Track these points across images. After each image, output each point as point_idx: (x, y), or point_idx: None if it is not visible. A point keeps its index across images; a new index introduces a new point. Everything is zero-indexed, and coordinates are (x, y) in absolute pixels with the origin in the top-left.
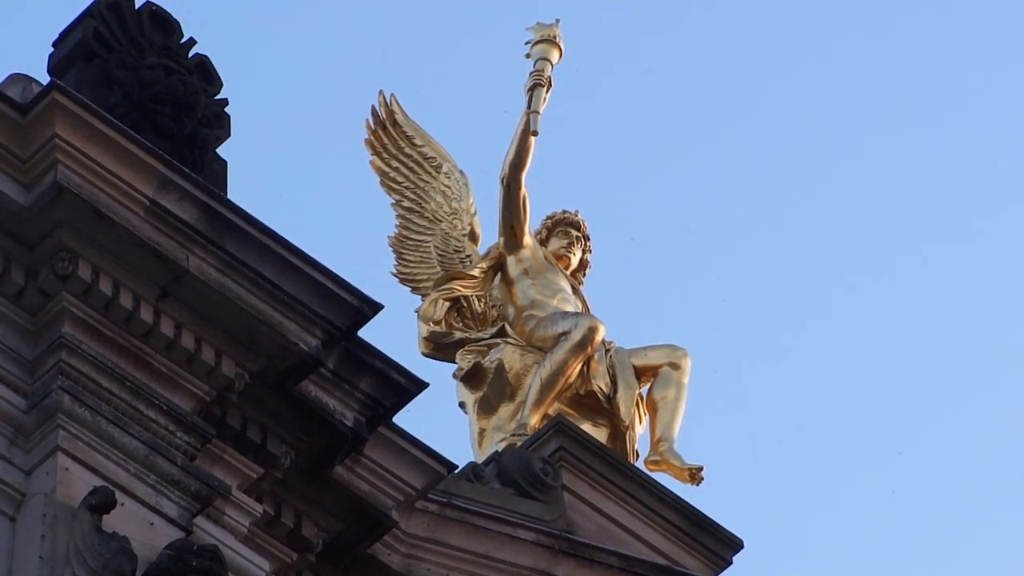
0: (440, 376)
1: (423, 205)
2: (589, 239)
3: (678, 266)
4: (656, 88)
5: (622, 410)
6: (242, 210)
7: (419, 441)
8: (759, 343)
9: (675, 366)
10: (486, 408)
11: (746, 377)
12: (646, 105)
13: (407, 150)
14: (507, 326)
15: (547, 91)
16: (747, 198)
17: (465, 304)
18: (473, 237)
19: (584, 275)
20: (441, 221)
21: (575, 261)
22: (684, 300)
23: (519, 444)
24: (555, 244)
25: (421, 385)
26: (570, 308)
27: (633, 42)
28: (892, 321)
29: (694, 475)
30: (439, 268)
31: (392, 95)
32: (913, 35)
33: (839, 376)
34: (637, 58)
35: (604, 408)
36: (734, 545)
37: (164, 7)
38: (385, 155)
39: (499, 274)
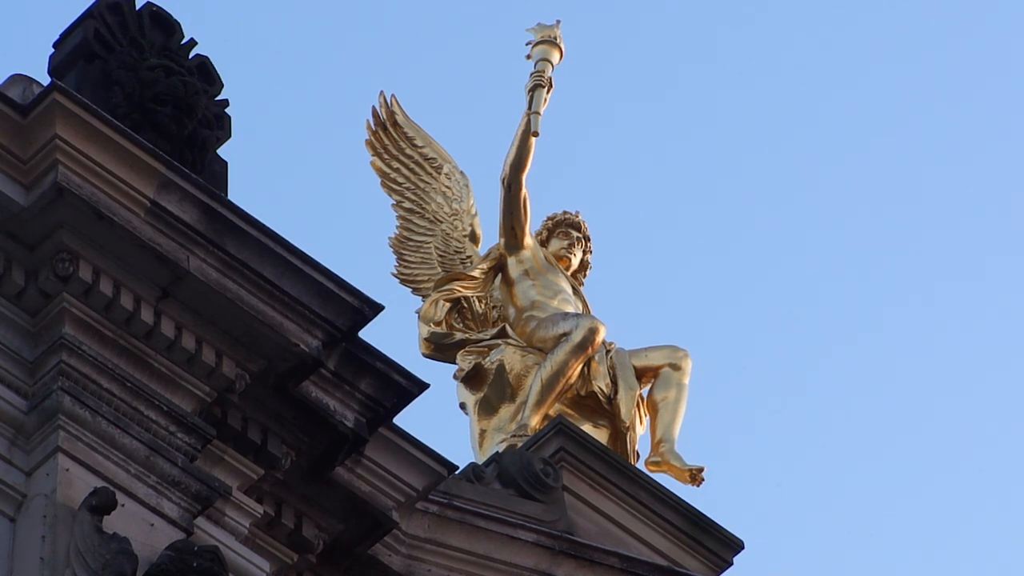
0: (441, 377)
1: (424, 206)
2: (590, 240)
3: (678, 266)
4: (657, 88)
5: (623, 411)
6: (242, 211)
7: (420, 442)
8: (759, 343)
9: (676, 367)
10: (487, 409)
11: (746, 377)
12: (646, 106)
13: (408, 151)
14: (508, 327)
15: (548, 92)
16: (748, 198)
17: (466, 305)
18: (474, 238)
19: (585, 276)
20: (442, 222)
21: (576, 262)
22: (684, 300)
23: (520, 445)
24: (556, 245)
25: (422, 386)
26: (571, 309)
27: (634, 42)
28: (892, 320)
29: (695, 476)
30: (440, 269)
31: (392, 96)
32: (947, 56)
33: (839, 376)
34: (637, 58)
35: (605, 409)
36: (734, 545)
37: (165, 8)
38: (386, 156)
39: (500, 275)
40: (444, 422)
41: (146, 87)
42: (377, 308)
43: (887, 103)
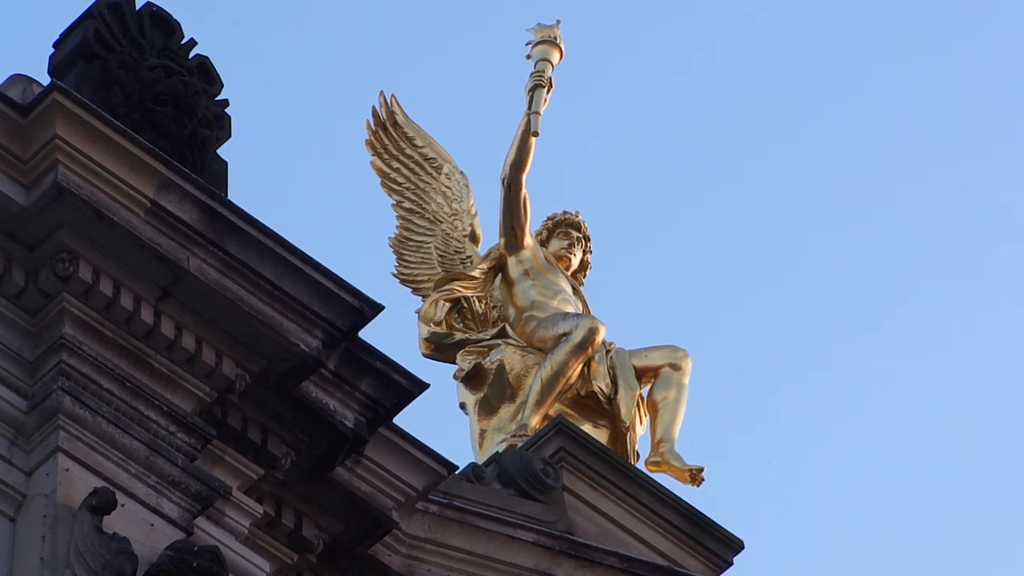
0: (441, 377)
1: (424, 206)
2: (590, 240)
3: (678, 266)
4: (656, 88)
5: (623, 411)
6: (242, 211)
7: (420, 442)
8: (759, 343)
9: (676, 367)
10: (487, 409)
11: (746, 377)
12: (646, 105)
13: (408, 151)
14: (508, 327)
15: (548, 92)
16: (748, 198)
17: (466, 305)
18: (474, 238)
19: (585, 276)
20: (442, 222)
21: (576, 262)
22: (684, 300)
23: (520, 445)
24: (556, 245)
25: (422, 386)
26: (571, 309)
27: (634, 43)
28: (892, 320)
29: (695, 476)
30: (440, 269)
31: (392, 96)
32: (947, 55)
33: (840, 376)
34: (637, 58)
35: (605, 409)
36: (734, 546)
37: (165, 8)
38: (386, 156)
39: (500, 275)
40: (444, 422)
41: (146, 87)
42: (377, 308)
43: (887, 103)
